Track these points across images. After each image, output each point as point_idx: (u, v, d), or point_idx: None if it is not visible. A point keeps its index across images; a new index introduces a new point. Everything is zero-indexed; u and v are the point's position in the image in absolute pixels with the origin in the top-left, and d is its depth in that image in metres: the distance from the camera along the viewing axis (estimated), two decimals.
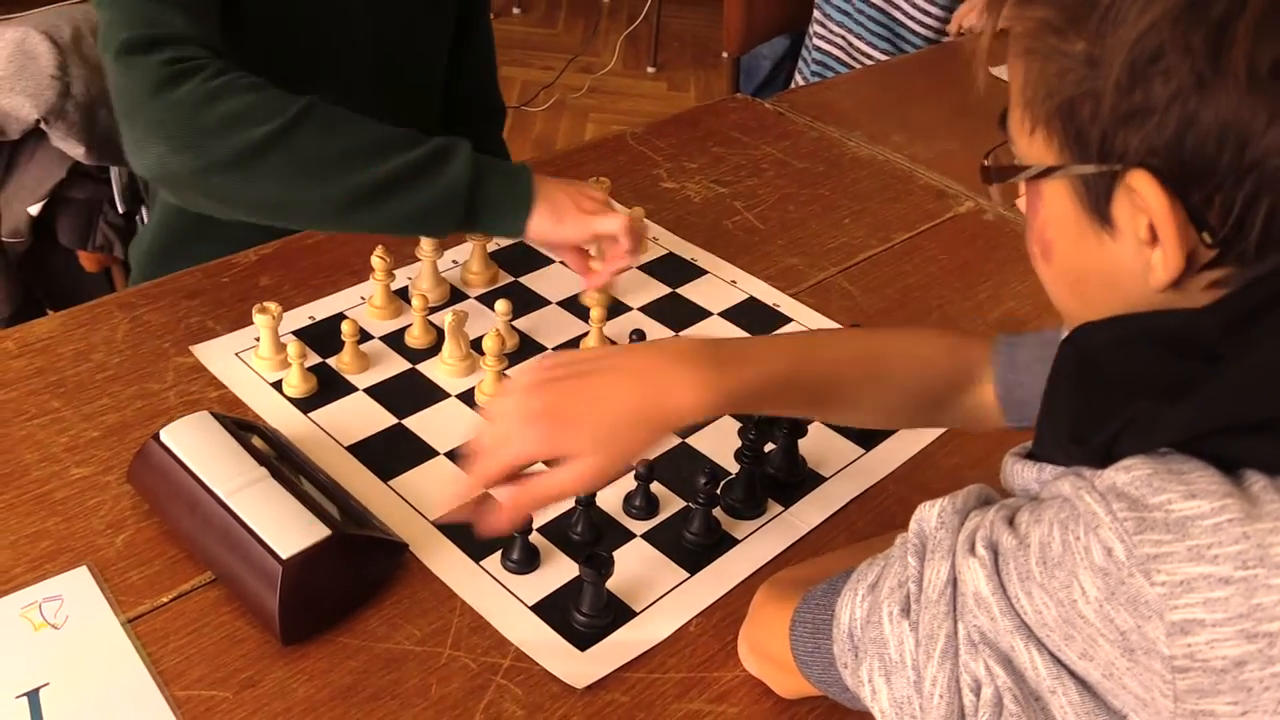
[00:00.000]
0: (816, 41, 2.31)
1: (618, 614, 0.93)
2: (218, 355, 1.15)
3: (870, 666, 0.69)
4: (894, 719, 0.67)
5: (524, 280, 1.31)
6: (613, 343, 1.21)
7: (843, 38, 2.26)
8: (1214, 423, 0.58)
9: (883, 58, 2.20)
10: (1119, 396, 0.62)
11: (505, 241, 1.36)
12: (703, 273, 1.35)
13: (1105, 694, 0.60)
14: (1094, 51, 0.61)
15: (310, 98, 1.09)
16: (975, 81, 0.76)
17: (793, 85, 2.44)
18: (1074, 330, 0.68)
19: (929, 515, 0.69)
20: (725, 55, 3.94)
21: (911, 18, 2.16)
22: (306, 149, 1.08)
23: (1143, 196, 0.61)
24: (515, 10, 4.38)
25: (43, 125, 1.40)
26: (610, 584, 0.92)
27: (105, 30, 1.10)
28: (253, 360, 1.15)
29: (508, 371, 1.14)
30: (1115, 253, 0.65)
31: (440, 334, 1.18)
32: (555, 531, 0.99)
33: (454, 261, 1.31)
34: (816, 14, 2.27)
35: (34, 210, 1.47)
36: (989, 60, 0.74)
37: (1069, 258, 0.69)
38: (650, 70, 4.06)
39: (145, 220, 1.55)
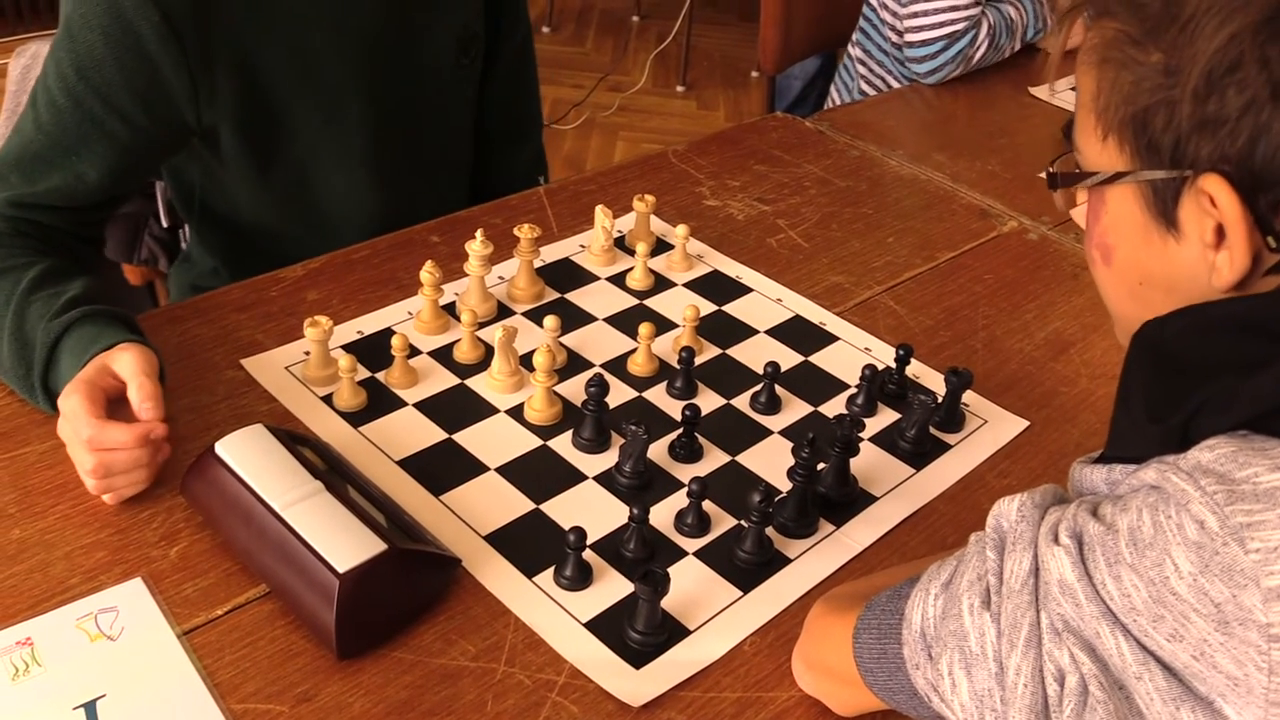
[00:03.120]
0: (859, 68, 2.30)
1: (672, 632, 0.92)
2: (268, 369, 1.15)
3: (950, 660, 0.69)
4: (974, 712, 0.68)
5: (570, 296, 1.31)
6: (661, 362, 1.21)
7: (879, 65, 2.25)
8: None
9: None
10: (1194, 378, 0.64)
11: (552, 258, 1.36)
12: (748, 290, 1.35)
13: (1193, 678, 0.60)
14: (1171, 62, 0.64)
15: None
16: (1048, 79, 0.78)
17: (829, 104, 2.43)
18: (1143, 325, 0.70)
19: (1008, 510, 0.70)
20: (757, 74, 3.95)
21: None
22: None
23: (1214, 199, 0.64)
24: (545, 29, 4.41)
25: None
26: (664, 602, 0.92)
27: None
28: (303, 373, 1.15)
29: (556, 389, 1.14)
30: (1179, 255, 0.68)
31: (488, 349, 1.19)
32: (607, 548, 0.99)
33: (501, 277, 1.31)
34: (855, 49, 2.26)
35: None
36: (1039, 79, 0.75)
37: (1131, 261, 0.72)
38: (680, 89, 4.07)
39: (186, 237, 1.55)
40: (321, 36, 1.26)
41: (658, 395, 1.18)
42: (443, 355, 1.20)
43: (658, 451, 1.10)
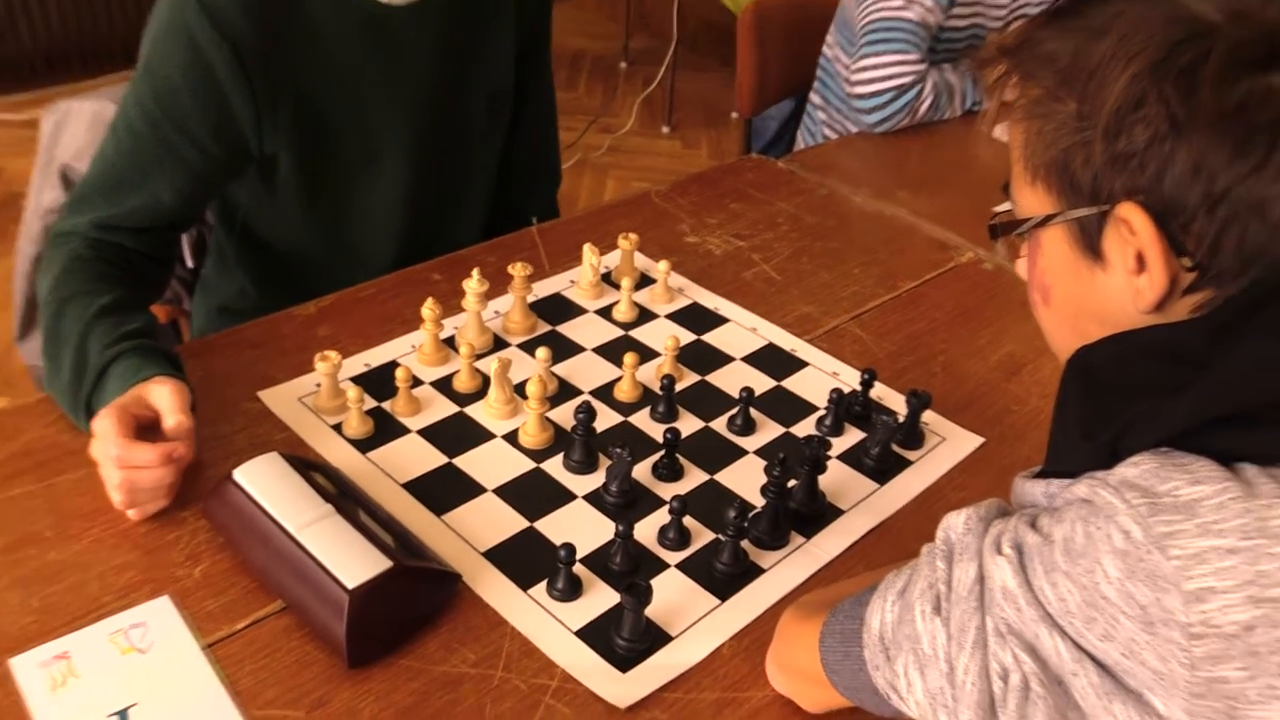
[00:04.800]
0: (819, 114, 2.34)
1: (656, 638, 0.94)
2: (282, 400, 1.17)
3: (906, 661, 0.70)
4: (928, 708, 0.69)
5: (560, 329, 1.33)
6: (645, 388, 1.23)
7: (848, 114, 2.28)
8: (1206, 415, 0.62)
9: None
10: (1121, 399, 0.65)
11: (543, 293, 1.38)
12: (724, 320, 1.37)
13: (1124, 674, 0.62)
14: (1084, 108, 0.66)
15: (59, 305, 1.14)
16: (987, 132, 0.81)
17: (796, 146, 2.46)
18: (1076, 352, 0.71)
19: (956, 523, 0.72)
20: (736, 116, 3.97)
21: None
22: (46, 346, 1.14)
23: (1131, 227, 0.65)
24: None
25: None
26: (648, 610, 0.93)
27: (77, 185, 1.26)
28: (314, 404, 1.16)
29: (548, 415, 1.16)
30: (1107, 284, 0.70)
31: (485, 379, 1.20)
32: (596, 562, 1.01)
33: (496, 312, 1.33)
34: (815, 96, 2.29)
35: None
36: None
37: (1067, 297, 0.74)
38: (665, 130, 4.09)
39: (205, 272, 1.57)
40: (371, 85, 1.31)
41: (642, 419, 1.19)
42: (443, 385, 1.22)
43: (642, 472, 1.11)
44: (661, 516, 1.05)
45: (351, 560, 0.91)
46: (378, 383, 1.20)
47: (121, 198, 1.23)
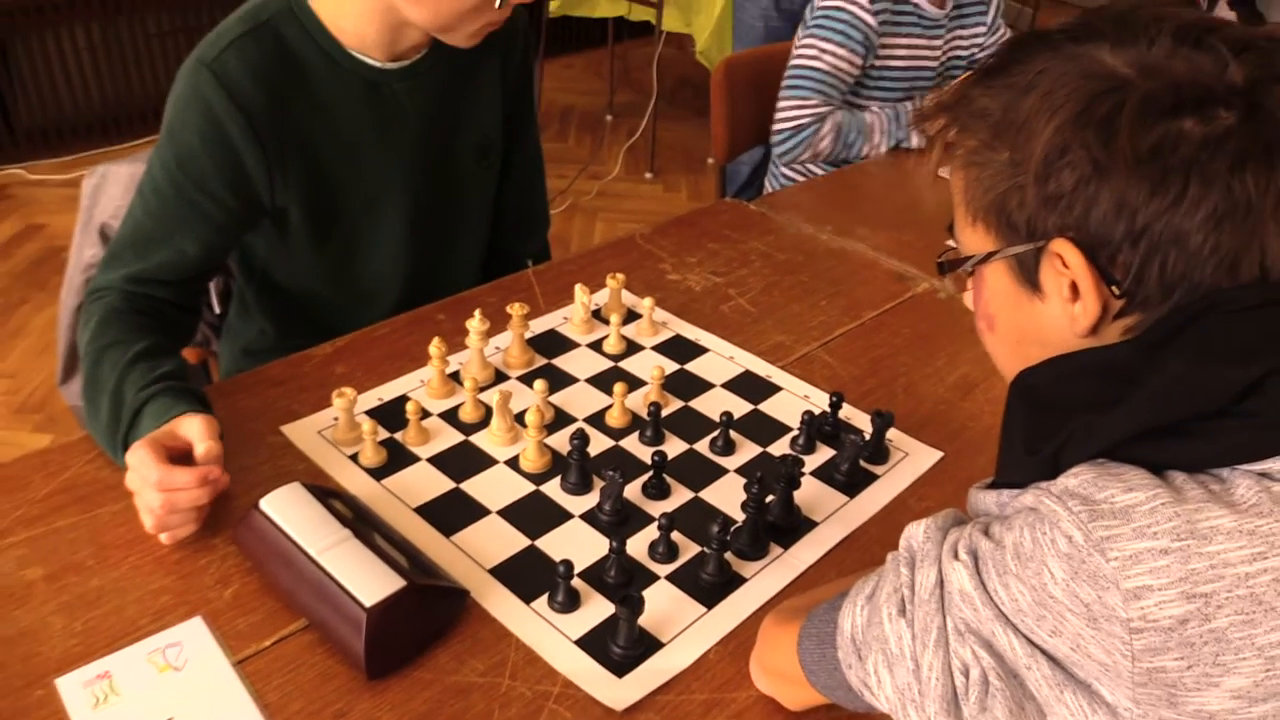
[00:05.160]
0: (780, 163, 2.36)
1: (648, 645, 0.93)
2: (303, 433, 1.16)
3: (875, 660, 0.70)
4: (898, 703, 0.69)
5: (556, 362, 1.32)
6: (633, 414, 1.22)
7: (801, 169, 2.31)
8: (1136, 427, 0.62)
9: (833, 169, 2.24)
10: (1060, 416, 0.65)
11: (539, 329, 1.38)
12: (705, 351, 1.37)
13: (1073, 666, 0.62)
14: (1016, 156, 0.67)
15: (109, 342, 1.15)
16: (928, 177, 0.81)
17: (766, 190, 2.47)
18: (1019, 374, 0.71)
19: (916, 532, 0.72)
20: (711, 162, 3.99)
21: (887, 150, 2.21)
22: (85, 389, 1.14)
23: (1064, 261, 0.66)
24: None
25: None
26: (641, 619, 0.93)
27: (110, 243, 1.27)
28: (332, 436, 1.16)
29: (546, 441, 1.15)
30: (1046, 313, 0.70)
31: (488, 410, 1.20)
32: (592, 576, 1.00)
33: (497, 348, 1.33)
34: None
35: None
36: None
37: (1010, 325, 0.74)
38: (648, 175, 4.10)
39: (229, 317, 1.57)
40: (368, 143, 1.32)
41: (631, 443, 1.19)
42: (450, 416, 1.21)
43: (632, 491, 1.11)
44: (651, 532, 1.05)
45: (368, 580, 0.90)
46: (390, 415, 1.19)
47: (150, 253, 1.23)
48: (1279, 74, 0.63)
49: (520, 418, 1.19)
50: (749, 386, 1.30)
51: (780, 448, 1.19)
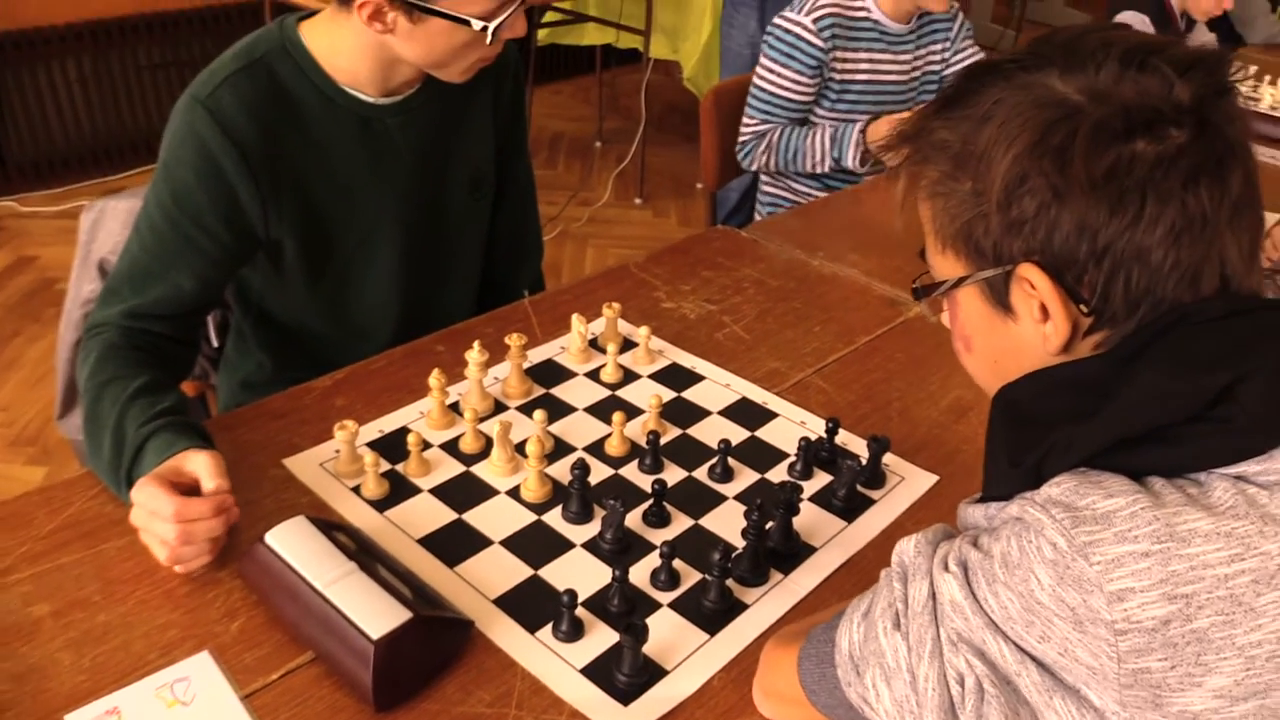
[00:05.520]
0: (765, 187, 2.40)
1: (653, 673, 0.94)
2: (305, 466, 1.17)
3: (873, 674, 0.71)
4: (896, 716, 0.70)
5: (554, 391, 1.33)
6: (632, 443, 1.23)
7: (785, 183, 2.34)
8: (1112, 437, 0.64)
9: (819, 194, 2.27)
10: (1042, 429, 0.67)
11: (537, 359, 1.39)
12: (701, 378, 1.38)
13: (1062, 671, 0.64)
14: (978, 185, 0.69)
15: (97, 389, 1.15)
16: (894, 222, 0.84)
17: (755, 215, 2.50)
18: (999, 390, 0.74)
19: (907, 548, 0.73)
20: (701, 187, 4.01)
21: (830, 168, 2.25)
22: (86, 425, 1.15)
23: (1032, 284, 0.68)
24: None
25: None
26: (645, 647, 0.93)
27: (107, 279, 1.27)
28: (334, 469, 1.17)
29: (546, 471, 1.16)
30: (1018, 333, 0.72)
31: (489, 441, 1.21)
32: (595, 605, 1.01)
33: (495, 378, 1.34)
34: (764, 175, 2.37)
35: None
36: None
37: (986, 345, 0.76)
38: (638, 201, 4.13)
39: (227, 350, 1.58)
40: (361, 177, 1.34)
41: (631, 472, 1.20)
42: (450, 447, 1.22)
43: (633, 520, 1.12)
44: (653, 560, 1.05)
45: (374, 612, 0.91)
46: (391, 447, 1.20)
47: (147, 288, 1.24)
48: (1223, 89, 0.66)
49: (520, 448, 1.20)
50: (746, 413, 1.31)
51: (778, 474, 1.20)
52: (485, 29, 1.19)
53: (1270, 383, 0.62)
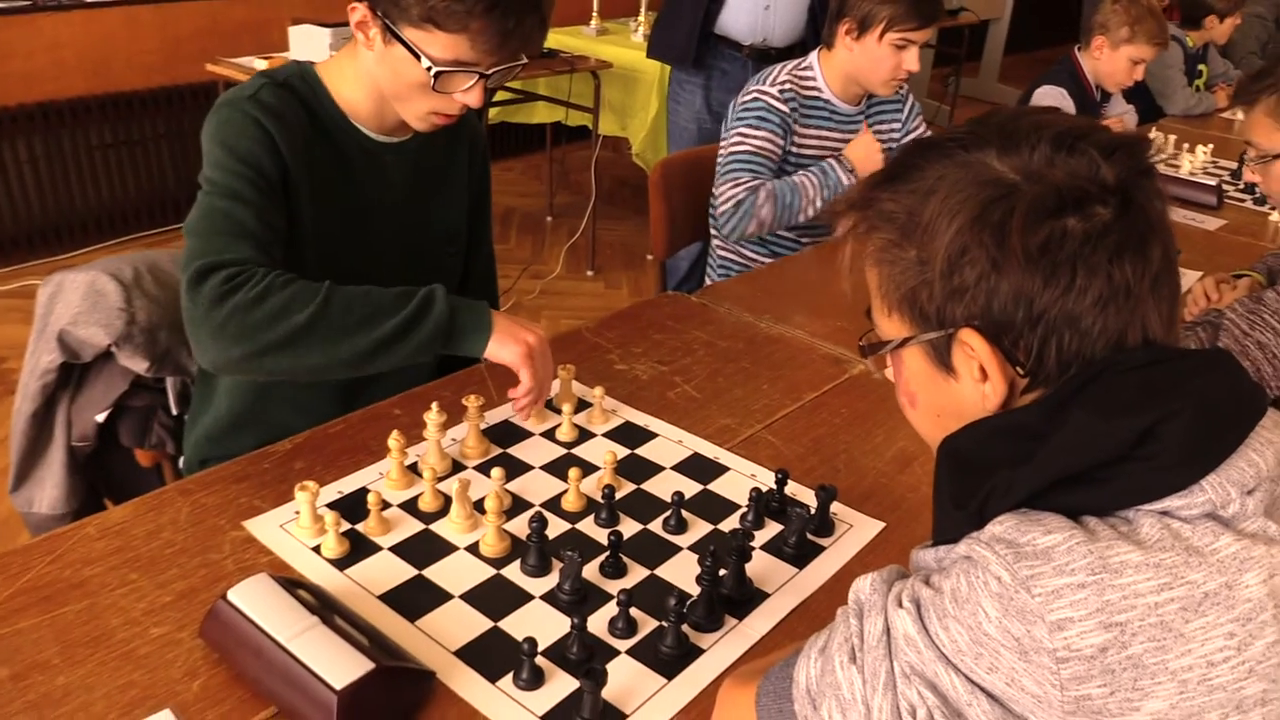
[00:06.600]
0: (719, 252, 2.47)
1: (612, 718, 0.95)
2: (266, 528, 1.18)
3: (829, 707, 0.74)
4: None
5: (511, 451, 1.36)
6: (588, 499, 1.26)
7: (736, 250, 2.42)
8: (1049, 477, 0.68)
9: (764, 260, 2.35)
10: (983, 473, 0.72)
11: (494, 420, 1.42)
12: (654, 435, 1.41)
13: (1010, 701, 0.67)
14: (922, 254, 0.75)
15: (328, 283, 1.22)
16: (840, 285, 0.89)
17: (706, 282, 2.56)
18: (943, 440, 0.78)
19: (864, 585, 0.77)
20: (651, 258, 4.09)
21: (775, 233, 2.33)
22: (334, 324, 1.20)
23: (972, 347, 0.73)
24: None
25: (113, 349, 1.44)
26: (604, 693, 0.95)
27: (185, 257, 1.25)
28: (295, 530, 1.18)
29: (505, 527, 1.18)
30: (959, 391, 0.77)
31: (448, 499, 1.23)
32: (555, 654, 1.02)
33: (454, 439, 1.36)
34: (714, 232, 2.43)
35: (100, 418, 1.50)
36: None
37: (929, 402, 0.81)
38: (589, 273, 4.19)
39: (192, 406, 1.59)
40: (361, 204, 1.42)
41: (588, 526, 1.22)
42: (410, 506, 1.23)
43: (590, 571, 1.14)
44: (611, 609, 1.07)
45: (337, 664, 0.92)
46: (351, 507, 1.21)
47: (242, 239, 1.26)
48: (1145, 170, 0.72)
49: (479, 505, 1.22)
50: (698, 468, 1.34)
51: (730, 524, 1.23)
52: (431, 72, 1.26)
53: (1189, 423, 0.67)
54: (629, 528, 1.21)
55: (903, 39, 2.12)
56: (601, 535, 1.19)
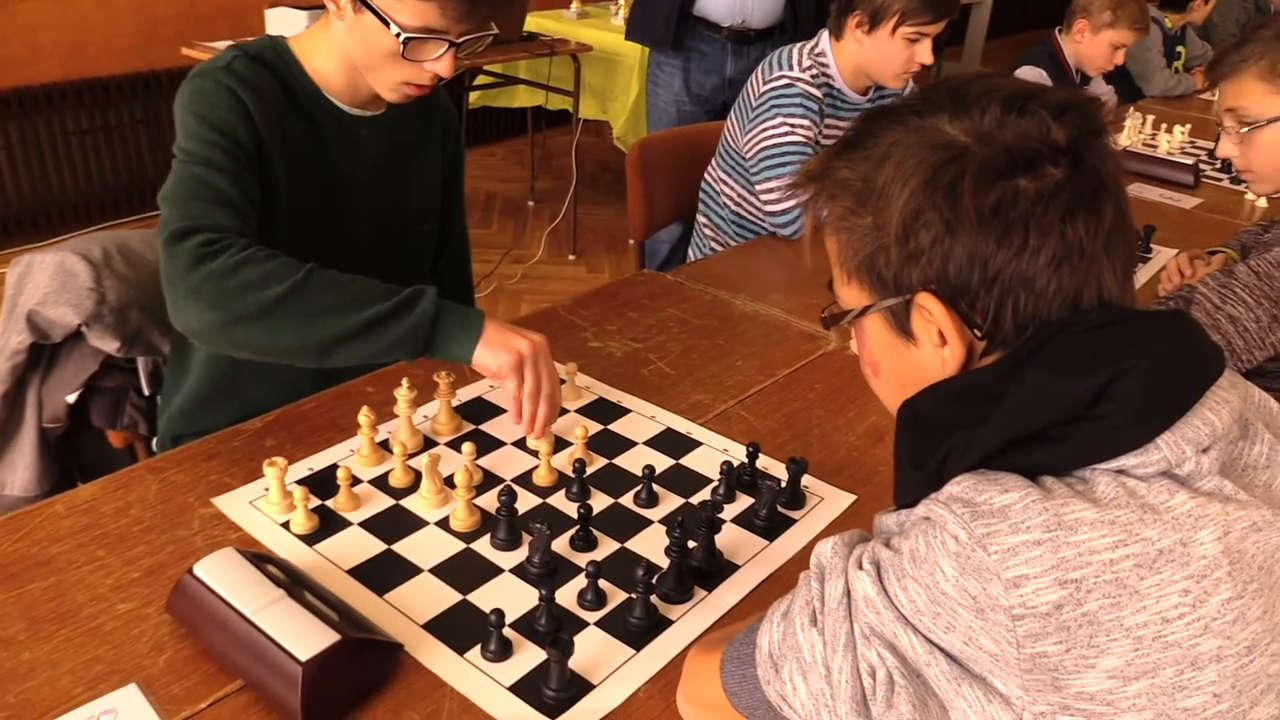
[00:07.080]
0: (705, 232, 2.46)
1: (580, 688, 0.96)
2: (235, 504, 1.18)
3: (790, 669, 0.74)
4: (812, 709, 0.73)
5: (483, 427, 1.36)
6: (560, 473, 1.26)
7: (717, 231, 2.41)
8: (1005, 437, 0.69)
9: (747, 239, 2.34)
10: (941, 434, 0.72)
11: (467, 397, 1.41)
12: (627, 411, 1.42)
13: (968, 660, 0.67)
14: (878, 220, 0.75)
15: (311, 264, 1.20)
16: (804, 258, 0.89)
17: (691, 256, 2.56)
18: (902, 403, 0.78)
19: (825, 549, 0.77)
20: (631, 241, 4.09)
21: (757, 218, 2.32)
22: (310, 303, 1.17)
23: (930, 311, 0.74)
24: None
25: (83, 329, 1.43)
26: (572, 664, 0.95)
27: (161, 222, 1.23)
28: (264, 506, 1.17)
29: (475, 501, 1.18)
30: (920, 356, 0.78)
31: (418, 475, 1.23)
32: (523, 626, 1.02)
33: (425, 416, 1.36)
34: (700, 217, 2.42)
35: (71, 399, 1.49)
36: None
37: (892, 370, 0.81)
38: (571, 258, 4.19)
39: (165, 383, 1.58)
40: (335, 178, 1.41)
41: (559, 500, 1.22)
42: (380, 482, 1.23)
43: (561, 545, 1.14)
44: (580, 582, 1.08)
45: (303, 636, 0.92)
46: (321, 483, 1.21)
47: (219, 207, 1.24)
48: (1095, 129, 0.72)
49: (449, 480, 1.22)
50: (670, 443, 1.35)
51: (702, 498, 1.24)
52: (400, 39, 1.26)
53: (1143, 381, 0.67)
54: (600, 502, 1.22)
55: (916, 32, 2.08)
56: (572, 509, 1.19)
